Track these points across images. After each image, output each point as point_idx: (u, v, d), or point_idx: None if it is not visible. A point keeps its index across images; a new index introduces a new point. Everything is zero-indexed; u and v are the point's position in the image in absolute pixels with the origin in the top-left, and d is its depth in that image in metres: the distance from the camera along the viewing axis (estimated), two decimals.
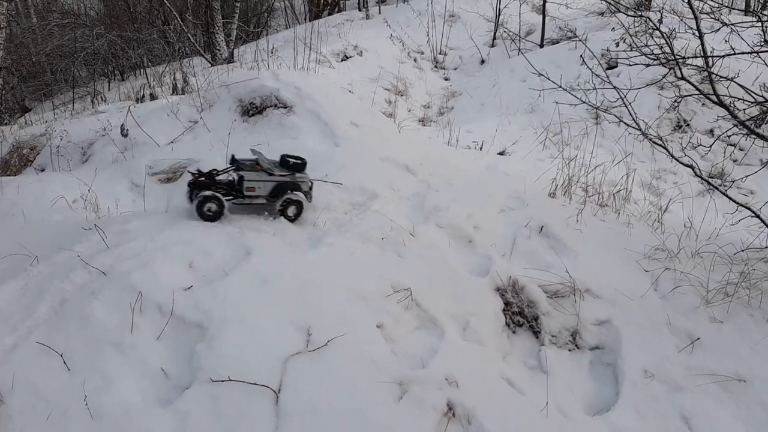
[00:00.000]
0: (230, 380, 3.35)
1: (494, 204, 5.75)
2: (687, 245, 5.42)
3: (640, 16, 6.11)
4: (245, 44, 17.44)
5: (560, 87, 6.13)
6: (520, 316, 4.56)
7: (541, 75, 6.06)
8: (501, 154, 9.03)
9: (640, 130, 5.73)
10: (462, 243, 5.04)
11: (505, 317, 4.51)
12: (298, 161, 5.13)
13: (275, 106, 7.02)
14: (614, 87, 6.12)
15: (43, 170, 7.45)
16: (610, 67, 10.88)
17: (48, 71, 17.24)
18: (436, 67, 13.52)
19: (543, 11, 12.83)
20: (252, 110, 7.14)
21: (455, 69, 13.64)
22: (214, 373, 3.38)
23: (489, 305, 4.46)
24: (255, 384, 3.34)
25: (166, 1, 14.24)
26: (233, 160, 5.08)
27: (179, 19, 14.36)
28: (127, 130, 7.02)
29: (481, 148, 9.14)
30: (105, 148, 7.12)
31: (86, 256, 4.19)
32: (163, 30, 17.66)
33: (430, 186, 5.76)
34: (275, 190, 4.92)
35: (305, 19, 21.40)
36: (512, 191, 6.19)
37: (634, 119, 5.81)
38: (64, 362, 3.42)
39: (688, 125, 9.83)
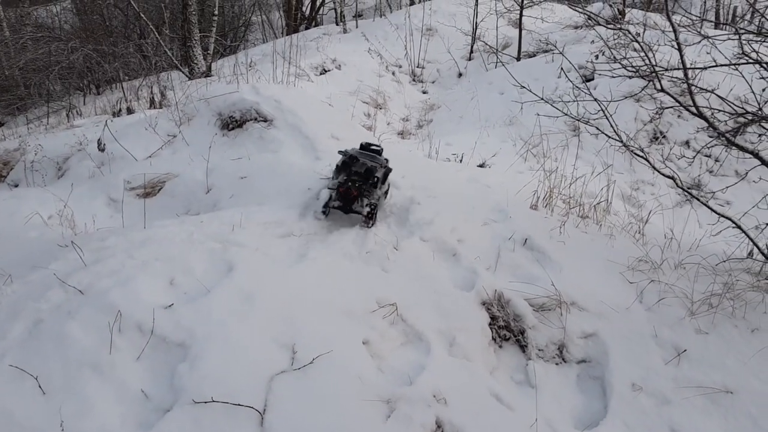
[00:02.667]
0: (213, 401, 3.23)
1: (478, 217, 5.68)
2: (670, 256, 5.39)
3: (620, 29, 6.10)
4: (223, 58, 17.30)
5: (542, 99, 6.09)
6: (506, 330, 4.49)
7: (523, 87, 6.03)
8: (481, 166, 9.00)
9: (622, 141, 5.71)
10: (446, 257, 4.97)
11: (492, 331, 4.43)
12: (378, 147, 5.63)
13: (255, 119, 6.92)
14: (595, 99, 6.10)
15: (17, 186, 7.27)
16: (587, 80, 10.93)
17: (21, 85, 16.95)
18: (414, 80, 13.51)
19: (519, 25, 12.88)
20: (232, 124, 7.03)
21: (433, 82, 13.64)
22: (196, 394, 3.26)
23: (475, 319, 4.38)
24: (239, 405, 3.23)
25: (142, 15, 14.07)
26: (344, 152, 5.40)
27: (156, 33, 14.21)
28: (104, 144, 6.88)
29: (461, 161, 9.10)
30: (81, 162, 6.97)
31: (63, 275, 4.05)
32: (139, 44, 17.48)
33: (413, 199, 5.68)
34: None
35: (282, 33, 21.36)
36: (495, 204, 6.13)
37: (615, 131, 5.79)
38: (39, 386, 3.28)
39: (664, 137, 9.88)
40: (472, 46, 13.81)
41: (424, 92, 13.21)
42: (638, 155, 5.74)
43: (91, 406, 3.22)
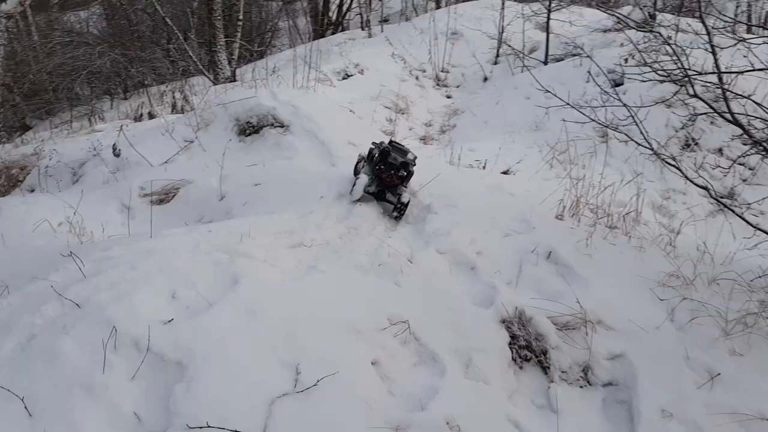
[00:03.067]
0: (209, 427, 3.00)
1: (499, 227, 5.40)
2: (703, 271, 5.07)
3: (651, 30, 5.79)
4: (249, 63, 17.18)
5: (569, 104, 5.80)
6: (527, 350, 4.20)
7: (548, 92, 5.73)
8: (505, 173, 8.71)
9: (652, 149, 5.40)
10: (464, 270, 4.69)
11: (512, 352, 4.14)
12: (405, 147, 5.63)
13: (272, 125, 6.72)
14: (624, 104, 5.80)
15: (32, 191, 7.14)
16: (617, 85, 10.56)
17: (50, 89, 16.99)
18: (438, 84, 13.23)
19: (547, 28, 12.56)
20: (248, 129, 6.84)
21: (458, 87, 13.34)
22: (192, 419, 3.03)
23: (494, 339, 4.10)
24: (236, 431, 2.99)
25: (167, 20, 13.99)
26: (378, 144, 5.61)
27: (181, 38, 14.12)
28: (119, 149, 6.71)
29: (484, 167, 8.82)
30: (96, 168, 6.83)
31: (61, 287, 3.85)
32: (166, 49, 17.46)
33: (430, 208, 5.42)
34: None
35: (309, 38, 21.22)
36: (518, 213, 5.85)
37: (645, 138, 5.48)
38: (26, 407, 3.07)
39: (696, 144, 9.50)
40: (498, 50, 13.50)
41: (448, 97, 12.93)
42: (669, 164, 5.43)
43: (79, 430, 3.00)
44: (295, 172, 5.83)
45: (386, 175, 5.32)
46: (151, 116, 9.62)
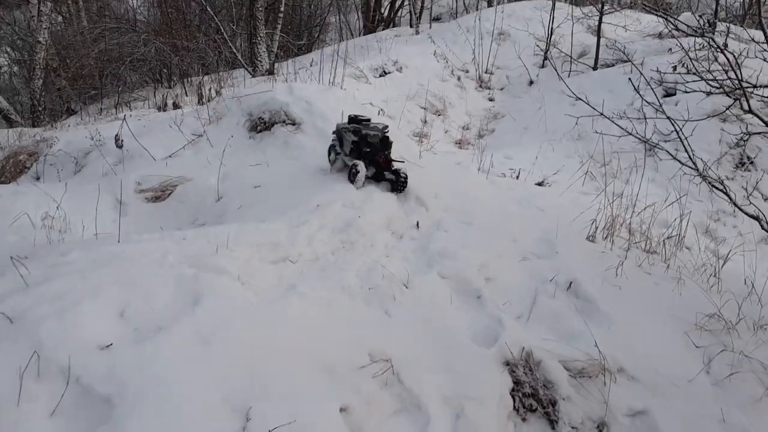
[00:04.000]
0: None
1: (517, 250, 4.74)
2: (748, 313, 4.33)
3: (702, 35, 5.03)
4: (296, 57, 16.72)
5: (602, 114, 5.11)
6: (532, 399, 3.53)
7: (579, 99, 5.06)
8: (540, 184, 8.00)
9: (697, 170, 4.67)
10: (468, 299, 4.03)
11: (514, 400, 3.48)
12: (367, 117, 5.61)
13: (284, 122, 6.16)
14: (668, 117, 5.07)
15: (38, 179, 6.72)
16: (668, 95, 9.73)
17: (96, 75, 16.82)
18: (480, 86, 12.51)
19: (598, 32, 11.73)
20: (260, 125, 6.30)
21: (501, 89, 12.60)
22: None
23: (493, 384, 3.44)
24: None
25: (208, 8, 13.59)
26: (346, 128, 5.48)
27: (221, 28, 13.71)
28: (122, 141, 6.23)
29: (517, 177, 8.12)
30: (99, 160, 6.35)
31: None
32: (212, 39, 17.11)
33: (440, 224, 4.79)
34: None
35: (359, 34, 20.71)
36: (543, 233, 5.19)
37: (690, 157, 4.75)
38: None
39: (752, 163, 8.63)
40: (545, 53, 12.71)
41: (491, 99, 12.20)
42: (717, 188, 4.69)
43: None
44: (299, 175, 5.27)
45: (381, 157, 5.35)
46: (176, 106, 9.16)
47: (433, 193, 5.23)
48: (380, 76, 11.47)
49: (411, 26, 16.94)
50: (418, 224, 4.83)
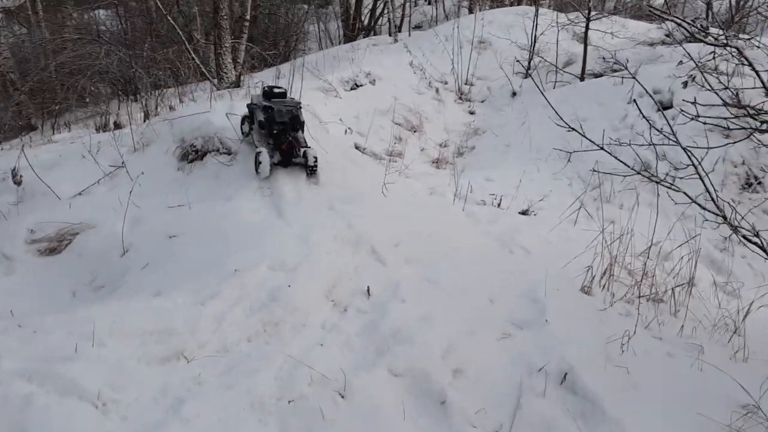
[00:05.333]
0: None
1: (495, 318, 3.66)
2: None
3: (725, 45, 3.96)
4: (270, 67, 15.63)
5: (601, 148, 4.06)
6: None
7: (572, 129, 3.99)
8: (524, 213, 6.91)
9: (725, 218, 3.59)
10: (428, 409, 2.90)
11: None
12: (282, 89, 5.23)
13: (218, 150, 5.06)
14: (682, 146, 4.00)
15: None
16: (664, 108, 8.68)
17: (57, 88, 15.70)
18: (460, 98, 11.41)
19: (585, 40, 10.67)
20: (191, 154, 5.19)
21: (482, 101, 11.50)
22: None
23: None
24: None
25: (168, 17, 12.49)
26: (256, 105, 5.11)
27: (183, 39, 12.60)
28: (21, 176, 5.08)
29: (499, 205, 7.04)
30: None
31: None
32: (177, 50, 16.04)
33: (398, 288, 3.69)
34: None
35: (339, 42, 19.69)
36: (528, 287, 4.14)
37: (714, 200, 3.68)
38: None
39: (759, 183, 7.58)
40: (529, 62, 11.64)
41: (471, 112, 11.10)
42: (751, 241, 3.63)
43: None
44: (226, 222, 4.16)
45: (286, 146, 4.91)
46: (117, 126, 8.04)
47: (393, 241, 4.15)
48: (351, 89, 10.35)
49: (390, 35, 15.91)
50: (369, 290, 3.73)
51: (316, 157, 4.94)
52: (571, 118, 9.08)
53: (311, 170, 4.94)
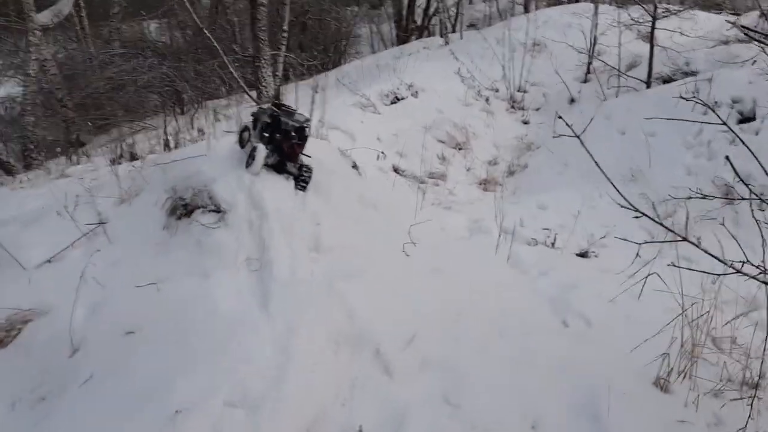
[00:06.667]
0: None
1: None
2: None
3: None
4: (319, 74, 14.77)
5: (701, 195, 3.04)
6: None
7: (636, 213, 2.93)
8: (583, 255, 5.81)
9: None
10: None
11: None
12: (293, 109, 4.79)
13: (205, 207, 4.14)
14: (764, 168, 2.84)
15: None
16: (744, 119, 7.38)
17: (105, 104, 15.24)
18: (512, 107, 10.25)
19: (651, 40, 9.34)
20: (180, 210, 4.29)
21: (537, 110, 10.30)
22: None
23: None
24: None
25: (205, 30, 11.72)
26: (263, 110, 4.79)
27: (221, 51, 11.84)
28: None
29: (553, 244, 5.95)
30: None
31: None
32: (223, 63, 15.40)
33: (402, 426, 2.68)
34: None
35: (393, 44, 18.79)
36: (585, 394, 3.07)
37: None
38: None
39: None
40: (588, 66, 10.39)
41: (525, 122, 9.93)
42: None
43: None
44: (194, 313, 3.24)
45: (287, 145, 4.50)
46: (133, 157, 7.23)
47: (407, 333, 3.16)
48: (392, 103, 9.35)
49: (441, 36, 14.82)
50: (361, 430, 2.73)
51: (311, 169, 4.59)
52: (636, 133, 7.90)
53: (304, 183, 4.54)
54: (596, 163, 3.07)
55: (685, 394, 3.37)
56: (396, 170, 7.87)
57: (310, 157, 4.56)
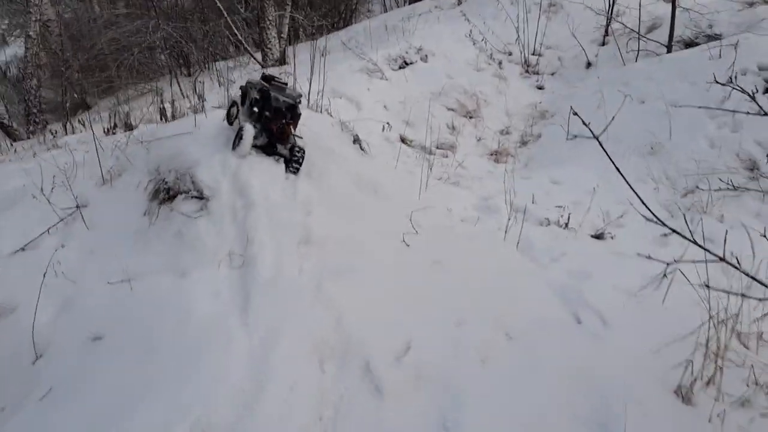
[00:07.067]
0: None
1: None
2: None
3: None
4: (330, 33, 14.22)
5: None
6: None
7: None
8: (598, 237, 5.42)
9: None
10: None
11: None
12: (284, 83, 4.37)
13: (188, 192, 3.78)
14: None
15: None
16: None
17: (111, 65, 14.81)
18: (527, 71, 9.74)
19: (672, 0, 8.79)
20: (162, 194, 3.94)
21: (552, 74, 9.77)
22: None
23: None
24: None
25: None
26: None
27: (223, 11, 11.38)
28: None
29: (566, 225, 5.55)
30: None
31: None
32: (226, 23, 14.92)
33: None
34: None
35: (405, 3, 18.11)
36: (597, 403, 2.75)
37: None
38: None
39: None
40: (606, 28, 9.81)
41: (540, 87, 9.42)
42: None
43: None
44: (167, 318, 2.91)
45: (276, 126, 4.13)
46: (128, 127, 6.85)
47: (402, 342, 2.81)
48: (400, 68, 8.88)
49: None
50: None
51: (303, 150, 4.17)
52: (656, 102, 7.41)
53: (296, 165, 4.16)
54: (617, 168, 2.66)
55: (709, 405, 3.03)
56: (403, 140, 7.47)
57: (301, 138, 4.15)
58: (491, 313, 3.43)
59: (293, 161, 4.11)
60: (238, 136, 3.99)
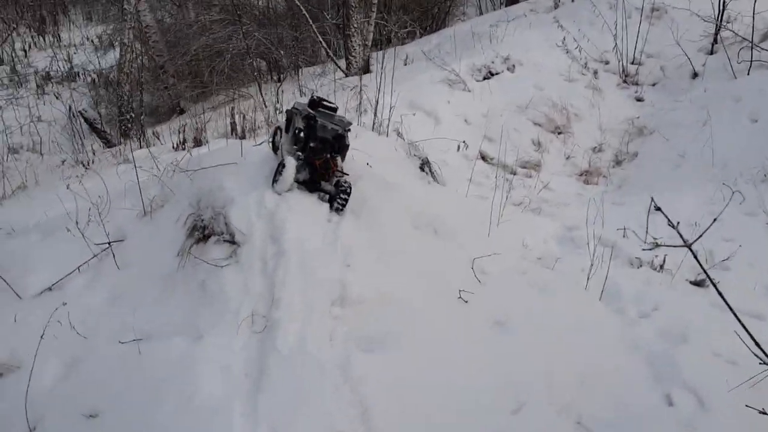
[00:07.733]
0: None
1: None
2: None
3: None
4: (422, 37, 13.71)
5: None
6: None
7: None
8: (698, 284, 4.62)
9: None
10: None
11: None
12: (333, 105, 3.94)
13: (221, 235, 3.33)
14: None
15: None
16: None
17: (204, 71, 14.89)
18: (625, 81, 8.83)
19: None
20: (197, 233, 3.51)
21: (653, 85, 8.80)
22: None
23: None
24: None
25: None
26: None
27: (308, 18, 11.07)
28: None
29: (661, 267, 4.78)
30: None
31: None
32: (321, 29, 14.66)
33: None
34: None
35: (501, 5, 17.32)
36: None
37: None
38: None
39: None
40: (715, 36, 8.75)
41: (639, 99, 8.50)
42: None
43: None
44: (171, 399, 2.46)
45: (320, 162, 3.70)
46: (198, 143, 6.55)
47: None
48: (484, 78, 8.20)
49: None
50: None
51: (350, 185, 3.65)
52: None
53: (342, 203, 3.64)
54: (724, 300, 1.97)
55: None
56: (483, 158, 6.84)
57: (347, 174, 3.63)
58: (560, 393, 2.80)
59: (338, 198, 3.60)
60: (278, 171, 3.51)
